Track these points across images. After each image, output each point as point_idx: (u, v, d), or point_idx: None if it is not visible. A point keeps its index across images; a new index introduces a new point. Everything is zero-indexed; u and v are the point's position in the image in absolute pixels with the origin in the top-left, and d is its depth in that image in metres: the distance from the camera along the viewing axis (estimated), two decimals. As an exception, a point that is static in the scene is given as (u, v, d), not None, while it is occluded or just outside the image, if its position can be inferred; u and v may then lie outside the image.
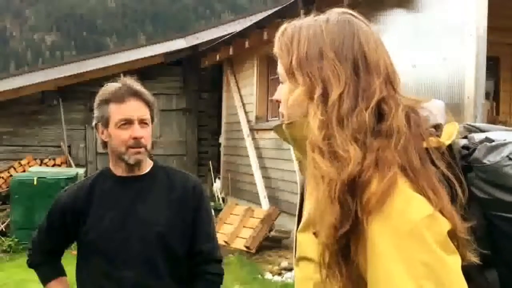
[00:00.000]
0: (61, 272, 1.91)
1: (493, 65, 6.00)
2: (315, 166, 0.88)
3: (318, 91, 0.90)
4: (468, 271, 0.81)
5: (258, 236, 6.48)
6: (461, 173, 0.87)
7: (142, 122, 1.73)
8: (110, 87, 1.76)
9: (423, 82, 4.56)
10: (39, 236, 1.89)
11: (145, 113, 1.74)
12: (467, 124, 0.98)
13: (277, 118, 7.50)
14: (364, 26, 0.94)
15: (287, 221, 6.83)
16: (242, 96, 8.78)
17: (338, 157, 0.85)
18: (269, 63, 8.02)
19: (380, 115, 0.88)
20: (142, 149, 1.73)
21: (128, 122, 1.70)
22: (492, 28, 4.18)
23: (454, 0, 4.37)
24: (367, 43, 0.92)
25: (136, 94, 1.73)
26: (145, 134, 1.73)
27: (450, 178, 0.85)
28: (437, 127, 0.92)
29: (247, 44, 7.67)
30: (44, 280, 1.89)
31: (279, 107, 1.03)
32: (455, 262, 0.79)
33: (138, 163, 1.75)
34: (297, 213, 1.09)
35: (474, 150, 0.88)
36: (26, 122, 9.04)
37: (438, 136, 0.90)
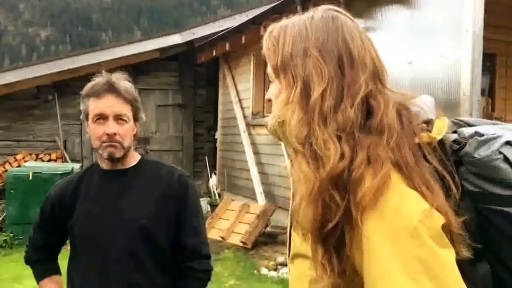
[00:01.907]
0: (55, 271, 1.91)
1: (489, 62, 6.03)
2: (296, 164, 0.89)
3: (300, 90, 0.90)
4: (460, 264, 0.81)
5: (254, 231, 6.49)
6: (453, 167, 0.88)
7: (118, 118, 1.69)
8: (92, 82, 1.75)
9: (419, 78, 4.57)
10: (34, 233, 1.90)
11: (121, 109, 1.70)
12: (455, 119, 0.98)
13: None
14: (349, 22, 0.95)
15: (283, 217, 6.84)
16: (238, 91, 8.77)
17: (318, 155, 0.85)
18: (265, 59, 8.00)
19: (368, 111, 0.88)
20: (117, 144, 1.70)
21: (102, 118, 1.69)
22: (488, 25, 4.19)
23: (450, -4, 4.38)
24: (352, 39, 0.92)
25: (114, 90, 1.69)
26: (120, 130, 1.69)
27: (443, 174, 0.86)
28: (428, 123, 0.92)
29: (243, 40, 7.66)
30: (38, 277, 1.89)
31: (271, 106, 1.03)
32: (449, 256, 0.80)
33: (112, 157, 1.71)
34: (290, 211, 1.09)
35: (465, 144, 0.89)
36: (21, 117, 9.00)
37: (429, 131, 0.90)
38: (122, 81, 1.74)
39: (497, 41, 5.72)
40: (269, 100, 1.01)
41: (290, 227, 1.06)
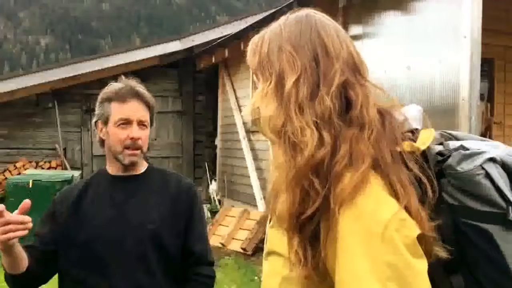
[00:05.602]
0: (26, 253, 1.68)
1: (487, 67, 6.05)
2: (273, 154, 0.91)
3: (274, 83, 0.93)
4: (433, 276, 0.82)
5: (255, 238, 6.48)
6: (434, 177, 0.88)
7: (140, 123, 1.74)
8: (114, 86, 1.78)
9: (418, 84, 4.59)
10: (34, 240, 1.85)
11: (144, 114, 1.76)
12: (443, 131, 0.99)
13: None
14: (323, 19, 0.97)
15: (283, 223, 6.84)
16: (237, 98, 8.78)
17: (295, 142, 0.87)
18: (265, 65, 8.02)
19: (348, 102, 0.90)
20: (138, 151, 1.74)
21: (127, 122, 1.72)
22: (486, 30, 4.21)
23: (448, 2, 4.40)
24: (325, 33, 0.94)
25: (138, 95, 1.75)
26: (143, 135, 1.74)
27: (422, 179, 0.86)
28: (413, 132, 0.93)
29: (242, 46, 7.68)
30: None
31: None
32: (422, 266, 0.80)
33: (132, 164, 1.76)
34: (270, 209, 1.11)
35: (449, 156, 0.89)
36: (21, 125, 9.00)
37: (414, 141, 0.91)
38: (141, 86, 1.79)
39: (495, 46, 5.74)
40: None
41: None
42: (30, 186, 6.76)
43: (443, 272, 0.85)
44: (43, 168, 8.83)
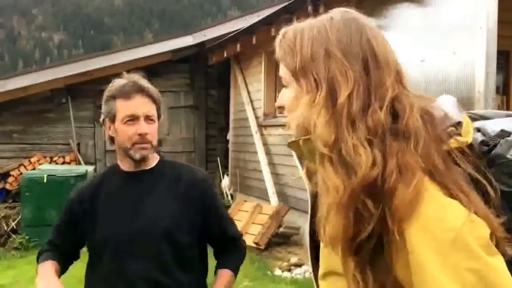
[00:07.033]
0: (58, 263, 1.80)
1: (503, 60, 5.95)
2: (322, 173, 0.85)
3: (324, 93, 0.86)
4: None
5: (267, 232, 6.48)
6: (488, 171, 0.86)
7: (148, 118, 1.73)
8: (117, 83, 1.77)
9: (432, 76, 4.53)
10: (52, 235, 1.90)
11: (151, 109, 1.75)
12: (469, 113, 0.96)
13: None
14: (370, 23, 0.93)
15: (296, 217, 6.83)
16: (249, 92, 8.77)
17: (348, 162, 0.82)
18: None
19: (394, 114, 0.85)
20: (148, 145, 1.74)
21: (134, 118, 1.72)
22: (502, 22, 4.14)
23: (463, -7, 4.33)
24: (375, 39, 0.90)
25: (143, 90, 1.73)
26: (151, 130, 1.74)
27: (479, 179, 0.84)
28: (456, 126, 0.89)
29: (254, 41, 7.66)
30: (40, 262, 1.79)
31: (281, 112, 0.99)
32: (501, 263, 0.78)
33: (143, 158, 1.76)
34: (308, 223, 1.04)
35: (495, 145, 0.87)
36: (35, 121, 9.09)
37: (459, 135, 0.87)
38: (144, 81, 1.77)
39: (511, 38, 5.64)
40: (280, 107, 0.97)
41: (310, 237, 1.03)
42: (45, 181, 6.83)
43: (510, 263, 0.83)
44: (57, 163, 8.92)
